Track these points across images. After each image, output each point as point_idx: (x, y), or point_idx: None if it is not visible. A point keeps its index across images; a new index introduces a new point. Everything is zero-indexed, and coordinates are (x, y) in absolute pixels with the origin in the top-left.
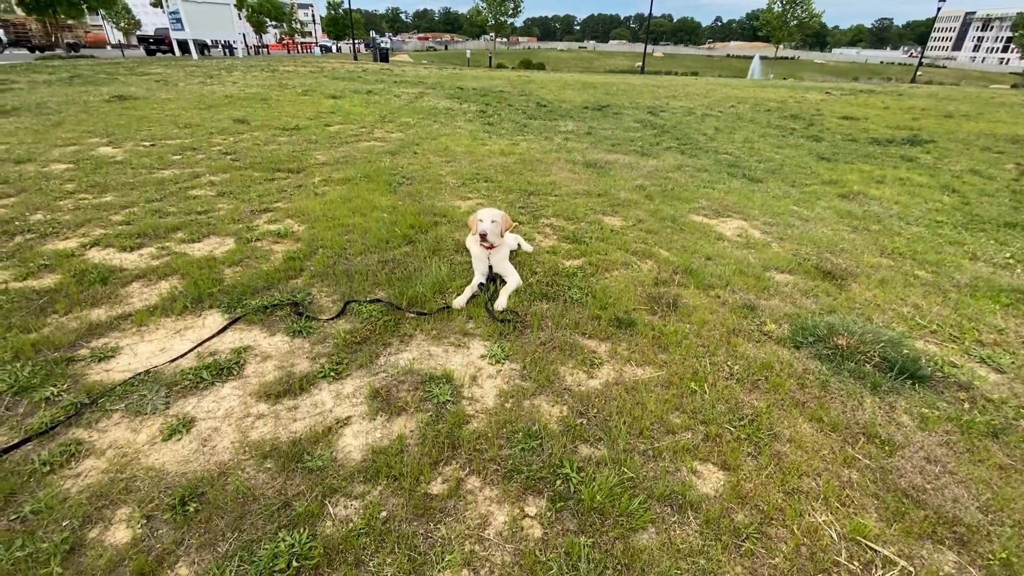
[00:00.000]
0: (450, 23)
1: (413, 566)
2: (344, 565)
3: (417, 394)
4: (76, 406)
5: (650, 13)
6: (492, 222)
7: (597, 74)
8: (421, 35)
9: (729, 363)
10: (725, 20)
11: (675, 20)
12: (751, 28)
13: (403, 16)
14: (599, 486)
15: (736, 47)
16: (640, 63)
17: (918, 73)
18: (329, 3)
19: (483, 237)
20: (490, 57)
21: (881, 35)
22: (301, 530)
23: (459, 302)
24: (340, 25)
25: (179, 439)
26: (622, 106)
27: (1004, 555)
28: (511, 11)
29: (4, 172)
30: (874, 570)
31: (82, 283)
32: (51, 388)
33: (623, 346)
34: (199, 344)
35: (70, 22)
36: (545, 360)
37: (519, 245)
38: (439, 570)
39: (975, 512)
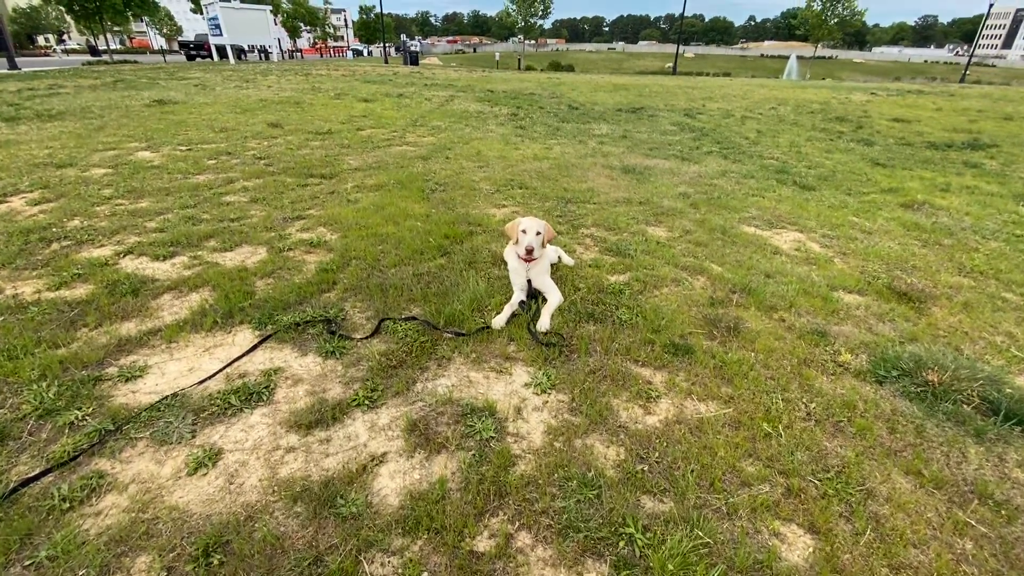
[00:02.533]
0: (479, 26)
1: None
2: None
3: (458, 428)
4: (100, 433)
5: (683, 13)
6: (537, 233)
7: (628, 75)
8: (450, 38)
9: (804, 400)
10: (759, 19)
11: (707, 20)
12: (786, 27)
13: (432, 20)
14: (670, 551)
15: (770, 47)
16: (671, 64)
17: (967, 72)
18: (361, 8)
19: (529, 252)
20: (519, 59)
21: (925, 33)
22: None
23: (499, 322)
24: (371, 29)
25: (204, 474)
26: (657, 108)
27: None
28: (540, 13)
29: (46, 177)
30: None
31: (114, 294)
32: (76, 411)
33: (681, 376)
34: (228, 364)
35: (116, 28)
36: (596, 391)
37: (559, 258)
38: None
39: None
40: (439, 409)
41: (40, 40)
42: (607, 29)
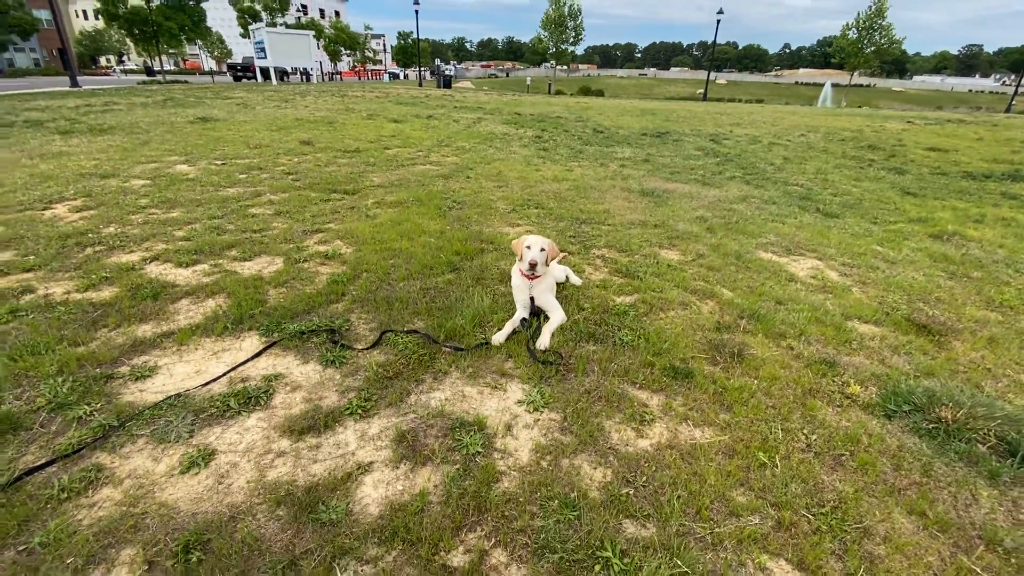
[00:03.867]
0: (512, 51)
1: None
2: None
3: (445, 442)
4: (104, 428)
5: (715, 40)
6: (541, 250)
7: (657, 100)
8: (484, 63)
9: (805, 431)
10: (794, 47)
11: (740, 47)
12: (822, 55)
13: (468, 45)
14: None
15: (805, 74)
16: (702, 90)
17: (1013, 102)
18: (399, 33)
19: (532, 267)
20: (549, 84)
21: (969, 62)
22: None
23: (498, 338)
24: (408, 54)
25: (196, 473)
26: (682, 133)
27: None
28: (572, 40)
29: (89, 186)
30: None
31: (135, 297)
32: (85, 406)
33: (679, 400)
34: (232, 368)
35: (171, 51)
36: (589, 412)
37: (567, 277)
38: None
39: None
40: (429, 422)
41: (102, 61)
42: (639, 56)
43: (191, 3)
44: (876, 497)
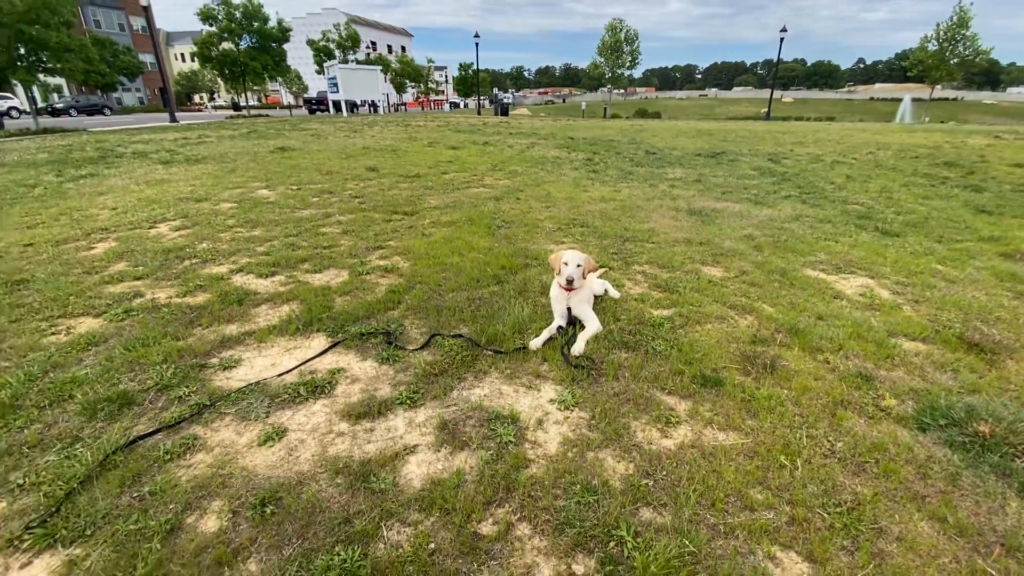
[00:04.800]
0: (569, 77)
1: None
2: None
3: (482, 431)
4: (199, 406)
5: (778, 58)
6: (577, 266)
7: (717, 121)
8: (541, 90)
9: (831, 438)
10: (869, 61)
11: (809, 64)
12: (900, 68)
13: (526, 73)
14: (655, 555)
15: (881, 89)
16: (766, 109)
17: None
18: (460, 65)
19: (569, 283)
20: (605, 108)
21: None
22: (355, 548)
23: (535, 343)
24: (468, 84)
25: (271, 446)
26: (739, 153)
27: None
28: (629, 64)
29: (186, 208)
30: None
31: (224, 302)
32: (184, 388)
33: (706, 407)
34: (302, 363)
35: (255, 88)
36: (616, 412)
37: (606, 291)
38: None
39: None
40: (468, 413)
41: (196, 98)
42: (699, 77)
43: (273, 45)
44: (896, 501)
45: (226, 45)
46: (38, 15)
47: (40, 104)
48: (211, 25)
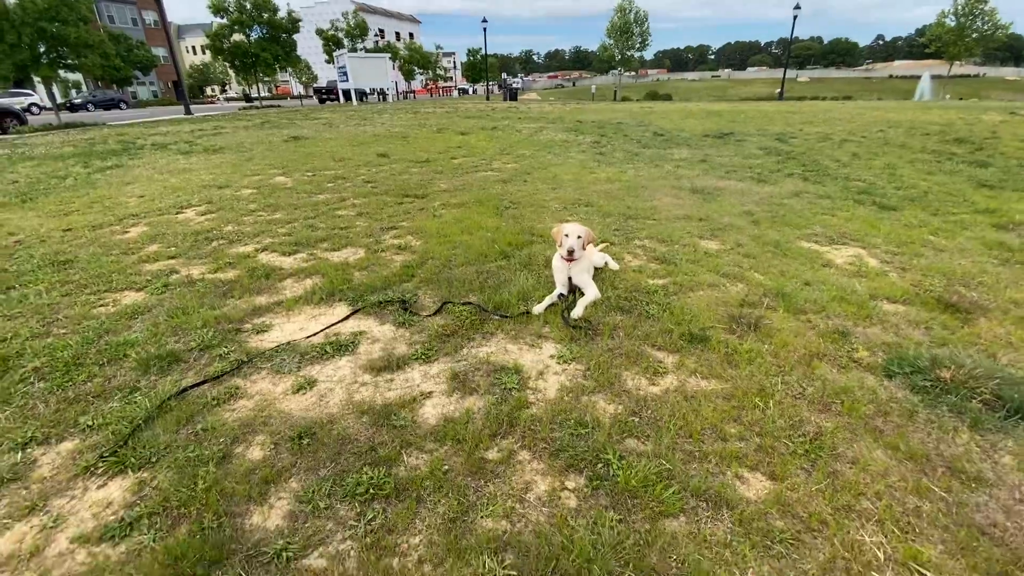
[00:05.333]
0: (579, 61)
1: (462, 509)
2: (408, 498)
3: (489, 380)
4: (238, 362)
5: (791, 36)
6: (577, 237)
7: (728, 102)
8: (551, 74)
9: (803, 383)
10: (888, 38)
11: (826, 42)
12: (920, 45)
13: (535, 58)
14: (635, 472)
15: (901, 67)
16: (781, 89)
17: None
18: (468, 50)
19: (570, 254)
20: (615, 91)
21: None
22: (380, 469)
23: (538, 309)
24: (477, 69)
25: (304, 394)
26: (747, 133)
27: None
28: (638, 45)
29: (210, 195)
30: None
31: (252, 277)
32: (224, 348)
33: (692, 360)
34: (327, 327)
35: (266, 79)
36: (609, 364)
37: (606, 263)
38: (482, 516)
39: None
40: (477, 366)
41: (208, 90)
42: (712, 57)
43: (283, 36)
44: (855, 433)
45: (237, 37)
46: (58, 12)
47: (60, 100)
48: (222, 17)
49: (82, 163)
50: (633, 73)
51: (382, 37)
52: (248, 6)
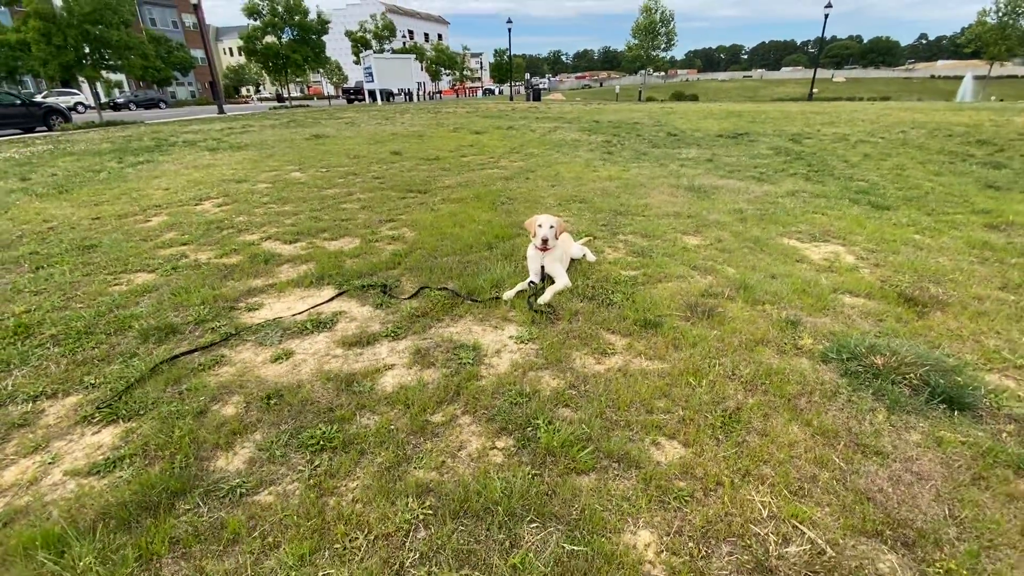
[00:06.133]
0: (608, 61)
1: (397, 459)
2: (353, 450)
3: (447, 355)
4: (227, 334)
5: (822, 35)
6: (551, 227)
7: (756, 103)
8: (579, 75)
9: (740, 366)
10: (932, 37)
11: (865, 41)
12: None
13: (564, 58)
14: (557, 436)
15: (945, 67)
16: (814, 89)
17: None
18: (496, 51)
19: (544, 243)
20: (640, 91)
21: None
22: (334, 426)
23: (508, 294)
24: (504, 70)
25: (280, 363)
26: (761, 134)
27: (953, 565)
28: (664, 45)
29: (228, 188)
30: (788, 544)
31: (253, 262)
32: (216, 322)
33: (641, 343)
34: (312, 307)
35: (298, 79)
36: (562, 345)
37: (584, 255)
38: (415, 467)
39: (942, 522)
40: (440, 344)
41: (243, 91)
42: (745, 57)
43: (313, 37)
44: (774, 410)
45: (269, 39)
46: (101, 15)
47: (103, 99)
48: (255, 20)
49: (117, 158)
50: (662, 73)
51: (411, 38)
52: (280, 9)
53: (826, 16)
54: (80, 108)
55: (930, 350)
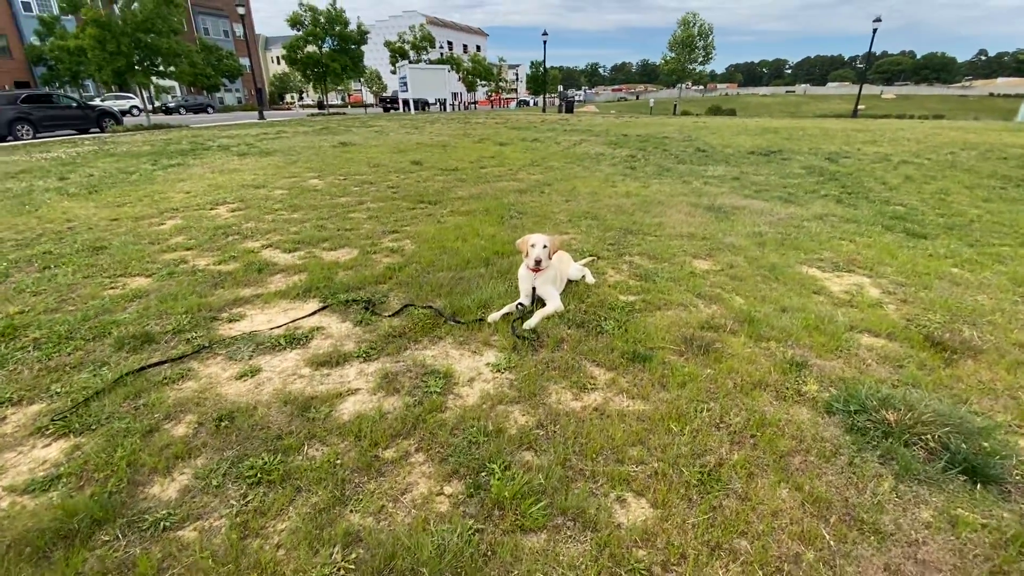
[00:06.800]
0: (646, 74)
1: (333, 501)
2: (290, 486)
3: (415, 382)
4: (200, 347)
5: (870, 49)
6: (544, 247)
7: (799, 119)
8: (616, 87)
9: (729, 413)
10: (992, 53)
11: (919, 57)
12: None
13: (601, 70)
14: (512, 485)
15: (1006, 84)
16: (860, 105)
17: None
18: (532, 63)
19: (537, 263)
20: (674, 105)
21: None
22: (277, 456)
23: (493, 317)
24: (539, 81)
25: (245, 380)
26: (796, 151)
27: None
28: (701, 59)
29: (245, 194)
30: None
31: (247, 271)
32: (194, 333)
33: (626, 378)
34: (292, 321)
35: (339, 88)
36: (539, 376)
37: (583, 277)
38: (351, 510)
39: None
40: (410, 368)
41: (287, 98)
42: (789, 72)
43: (352, 47)
44: (761, 468)
45: (310, 48)
46: (152, 24)
47: (156, 104)
48: (299, 30)
49: (152, 161)
50: (701, 87)
51: (449, 49)
52: (322, 20)
53: (874, 31)
54: (134, 112)
55: (955, 406)
